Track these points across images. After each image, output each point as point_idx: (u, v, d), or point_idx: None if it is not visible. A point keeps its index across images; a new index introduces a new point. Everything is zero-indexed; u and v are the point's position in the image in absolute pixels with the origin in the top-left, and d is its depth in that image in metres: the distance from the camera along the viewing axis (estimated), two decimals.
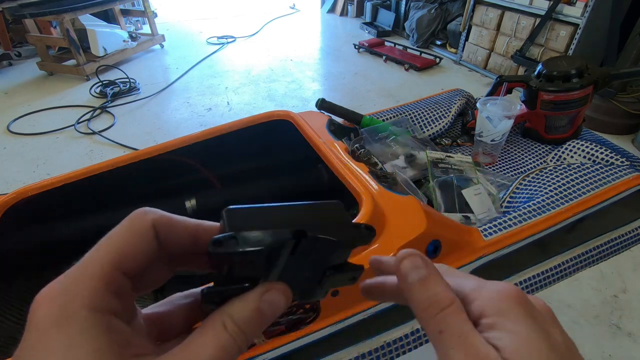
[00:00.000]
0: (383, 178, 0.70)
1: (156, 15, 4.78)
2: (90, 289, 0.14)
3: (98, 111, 2.60)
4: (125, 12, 3.91)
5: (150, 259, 0.17)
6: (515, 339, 0.15)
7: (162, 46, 3.89)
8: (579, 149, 0.81)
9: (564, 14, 2.43)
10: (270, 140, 0.88)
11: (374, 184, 0.60)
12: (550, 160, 0.84)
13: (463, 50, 3.30)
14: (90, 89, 2.89)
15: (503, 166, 0.87)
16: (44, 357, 0.13)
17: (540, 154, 0.89)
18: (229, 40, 4.16)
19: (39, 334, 0.13)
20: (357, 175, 0.62)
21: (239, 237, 0.15)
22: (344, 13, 5.15)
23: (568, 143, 0.83)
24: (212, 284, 0.18)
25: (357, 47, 3.72)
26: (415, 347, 0.58)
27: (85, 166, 0.74)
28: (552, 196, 0.67)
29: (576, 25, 2.38)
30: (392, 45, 3.67)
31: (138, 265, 0.16)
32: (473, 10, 3.09)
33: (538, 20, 2.58)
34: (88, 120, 2.51)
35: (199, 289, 0.19)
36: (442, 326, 0.16)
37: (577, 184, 0.68)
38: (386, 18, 4.30)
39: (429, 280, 0.18)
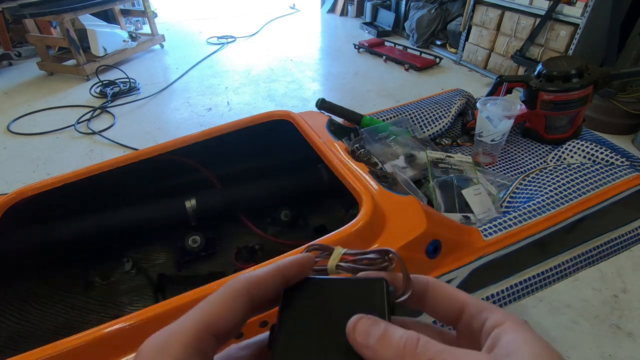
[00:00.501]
0: (383, 178, 0.70)
1: (156, 15, 4.78)
2: (180, 346, 0.17)
3: (98, 111, 2.60)
4: (125, 12, 3.91)
5: (240, 323, 0.19)
6: (534, 343, 0.17)
7: (162, 46, 3.89)
8: (579, 149, 0.81)
9: (564, 14, 2.43)
10: (270, 140, 0.88)
11: (374, 184, 0.60)
12: (550, 160, 0.84)
13: (463, 50, 3.30)
14: (90, 89, 2.89)
15: (503, 166, 0.87)
16: None
17: (540, 154, 0.89)
18: (229, 40, 4.16)
19: None
20: (357, 175, 0.62)
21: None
22: (344, 13, 5.15)
23: (568, 143, 0.83)
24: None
25: (357, 47, 3.72)
26: None
27: (85, 166, 0.74)
28: (552, 196, 0.67)
29: (576, 25, 2.38)
30: (392, 45, 3.67)
31: (228, 329, 0.19)
32: (473, 10, 3.09)
33: (538, 20, 2.57)
34: (88, 120, 2.51)
35: (253, 340, 0.22)
36: (429, 355, 0.17)
37: (577, 184, 0.68)
38: (386, 18, 4.30)
39: (387, 331, 0.18)
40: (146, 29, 4.08)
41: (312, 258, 0.23)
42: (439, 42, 3.64)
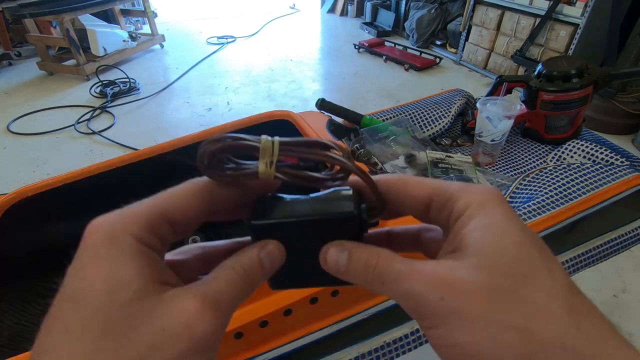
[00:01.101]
0: None
1: (156, 15, 4.78)
2: (137, 225, 0.17)
3: (98, 111, 2.60)
4: (125, 12, 3.91)
5: (196, 220, 0.19)
6: (489, 231, 0.17)
7: (162, 46, 3.89)
8: (579, 149, 0.81)
9: (564, 14, 2.43)
10: None
11: None
12: (550, 160, 0.84)
13: (463, 50, 3.30)
14: (90, 89, 2.89)
15: (503, 166, 0.87)
16: (94, 269, 0.16)
17: (540, 154, 0.89)
18: (229, 40, 4.16)
19: (90, 251, 0.16)
20: None
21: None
22: (344, 13, 5.15)
23: (568, 143, 0.83)
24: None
25: (357, 47, 3.72)
26: (415, 347, 0.58)
27: (85, 166, 0.74)
28: (552, 196, 0.67)
29: (576, 25, 2.38)
30: (392, 45, 3.67)
31: (184, 222, 0.19)
32: (473, 10, 3.09)
33: (538, 20, 2.58)
34: (88, 120, 2.51)
35: (211, 243, 0.22)
36: (383, 278, 0.18)
37: (577, 184, 0.68)
38: (386, 18, 4.30)
39: (351, 256, 0.19)
40: (146, 29, 4.08)
41: (275, 183, 0.21)
42: (439, 42, 3.64)
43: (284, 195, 0.21)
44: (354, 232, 0.20)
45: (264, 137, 0.18)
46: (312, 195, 0.21)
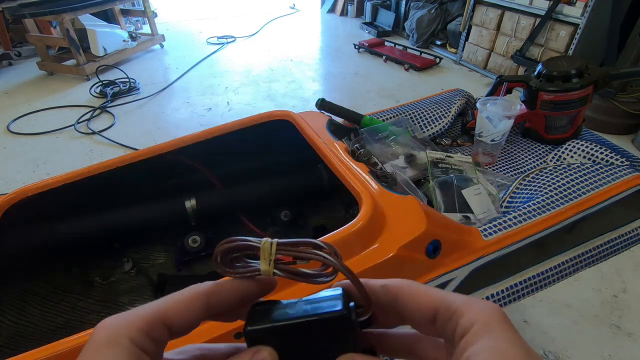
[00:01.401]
0: (383, 178, 0.70)
1: (156, 15, 4.78)
2: (136, 328, 0.18)
3: (98, 111, 2.60)
4: (125, 12, 3.91)
5: (194, 323, 0.21)
6: (496, 354, 0.17)
7: (162, 46, 3.89)
8: (579, 149, 0.81)
9: (564, 14, 2.43)
10: (270, 140, 0.88)
11: (373, 184, 0.60)
12: (550, 160, 0.84)
13: (463, 50, 3.30)
14: (90, 89, 2.89)
15: (503, 166, 0.87)
16: None
17: (540, 154, 0.89)
18: (229, 40, 4.16)
19: (92, 351, 0.18)
20: (357, 175, 0.62)
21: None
22: (344, 13, 5.15)
23: (568, 143, 0.83)
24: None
25: (357, 47, 3.72)
26: None
27: (85, 166, 0.74)
28: (552, 196, 0.67)
29: (576, 25, 2.38)
30: (392, 45, 3.67)
31: (181, 325, 0.20)
32: (473, 10, 3.09)
33: (538, 20, 2.58)
34: (88, 120, 2.51)
35: (210, 346, 0.23)
36: None
37: (577, 184, 0.68)
38: (386, 18, 4.30)
39: None
40: (146, 29, 4.08)
41: (274, 281, 0.23)
42: (439, 42, 3.64)
43: (280, 301, 0.22)
44: (346, 331, 0.20)
45: (264, 239, 0.21)
46: (304, 298, 0.22)
